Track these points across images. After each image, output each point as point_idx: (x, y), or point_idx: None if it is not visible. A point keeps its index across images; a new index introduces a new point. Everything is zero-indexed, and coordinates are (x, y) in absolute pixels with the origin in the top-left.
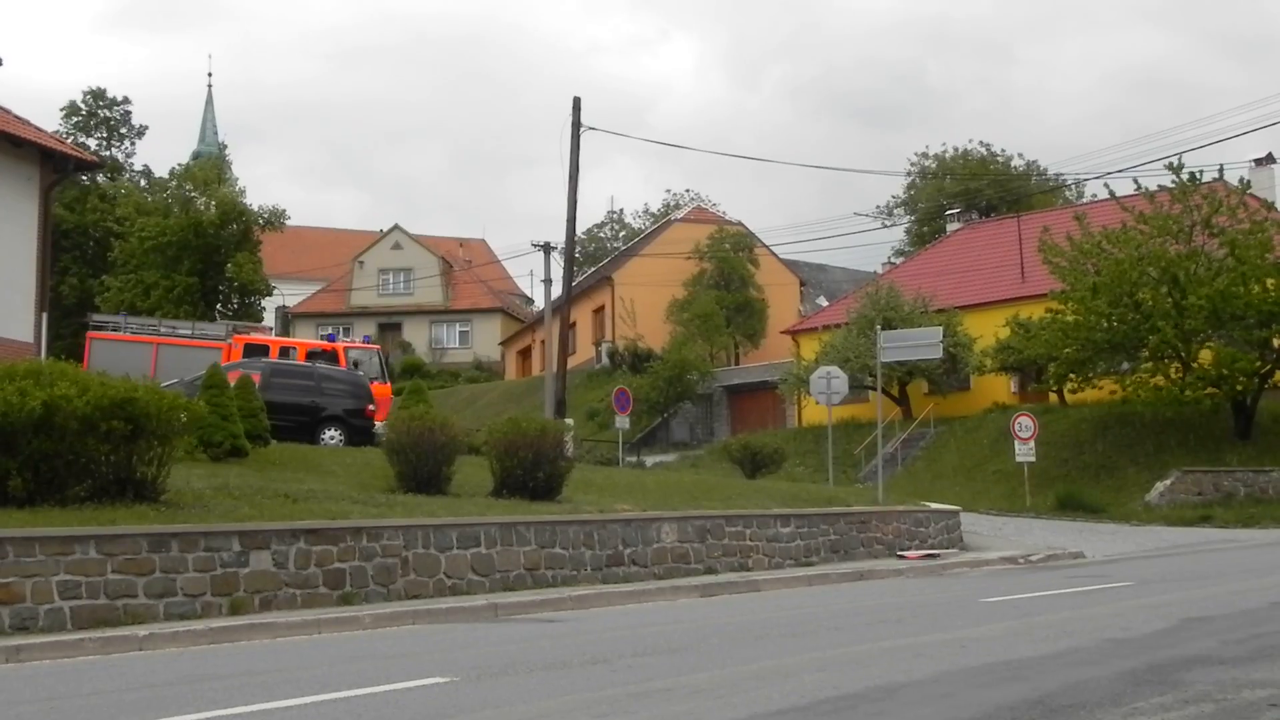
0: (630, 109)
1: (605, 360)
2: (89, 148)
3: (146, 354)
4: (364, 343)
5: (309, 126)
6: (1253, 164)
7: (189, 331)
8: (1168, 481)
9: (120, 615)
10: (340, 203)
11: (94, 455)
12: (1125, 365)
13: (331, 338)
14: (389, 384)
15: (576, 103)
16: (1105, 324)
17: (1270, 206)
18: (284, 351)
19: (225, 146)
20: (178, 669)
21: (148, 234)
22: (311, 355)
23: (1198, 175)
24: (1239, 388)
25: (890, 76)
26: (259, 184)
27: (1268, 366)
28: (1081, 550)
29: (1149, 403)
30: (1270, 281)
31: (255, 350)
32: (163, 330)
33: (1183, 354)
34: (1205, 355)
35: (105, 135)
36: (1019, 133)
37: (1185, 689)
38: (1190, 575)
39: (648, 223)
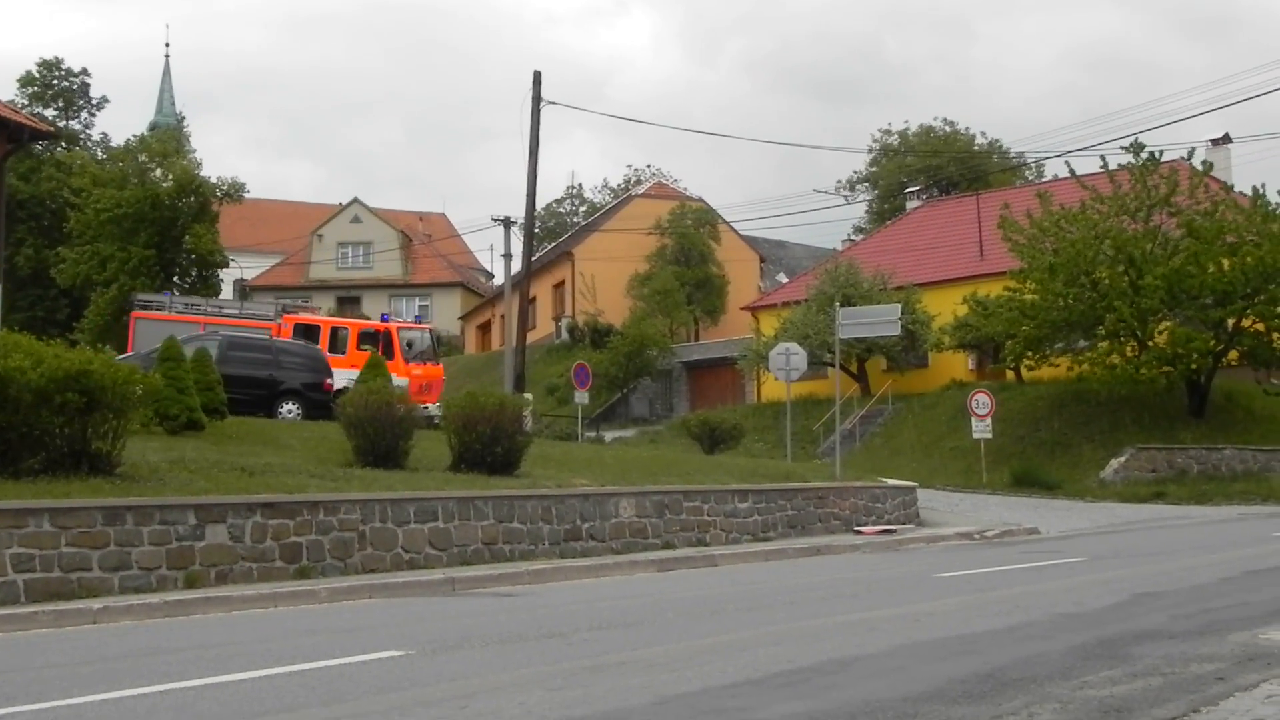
0: (588, 81)
1: (565, 335)
2: (45, 118)
3: (192, 333)
4: (416, 322)
5: (263, 96)
6: (1209, 144)
7: (236, 311)
8: (1122, 459)
9: (74, 588)
10: (296, 174)
11: (48, 428)
12: (1082, 343)
13: (386, 318)
14: (440, 365)
15: (537, 77)
16: (1062, 302)
17: (1228, 188)
18: (335, 331)
19: (183, 118)
20: (132, 642)
21: (104, 205)
22: (364, 335)
23: (1157, 156)
24: (1193, 366)
25: (848, 51)
26: (213, 154)
27: (1221, 346)
28: (1036, 526)
29: (1104, 381)
30: (1226, 262)
31: (306, 330)
32: (209, 309)
33: (1138, 333)
34: (1161, 335)
35: (62, 106)
36: (977, 109)
37: (1135, 663)
38: (1142, 551)
39: (608, 198)
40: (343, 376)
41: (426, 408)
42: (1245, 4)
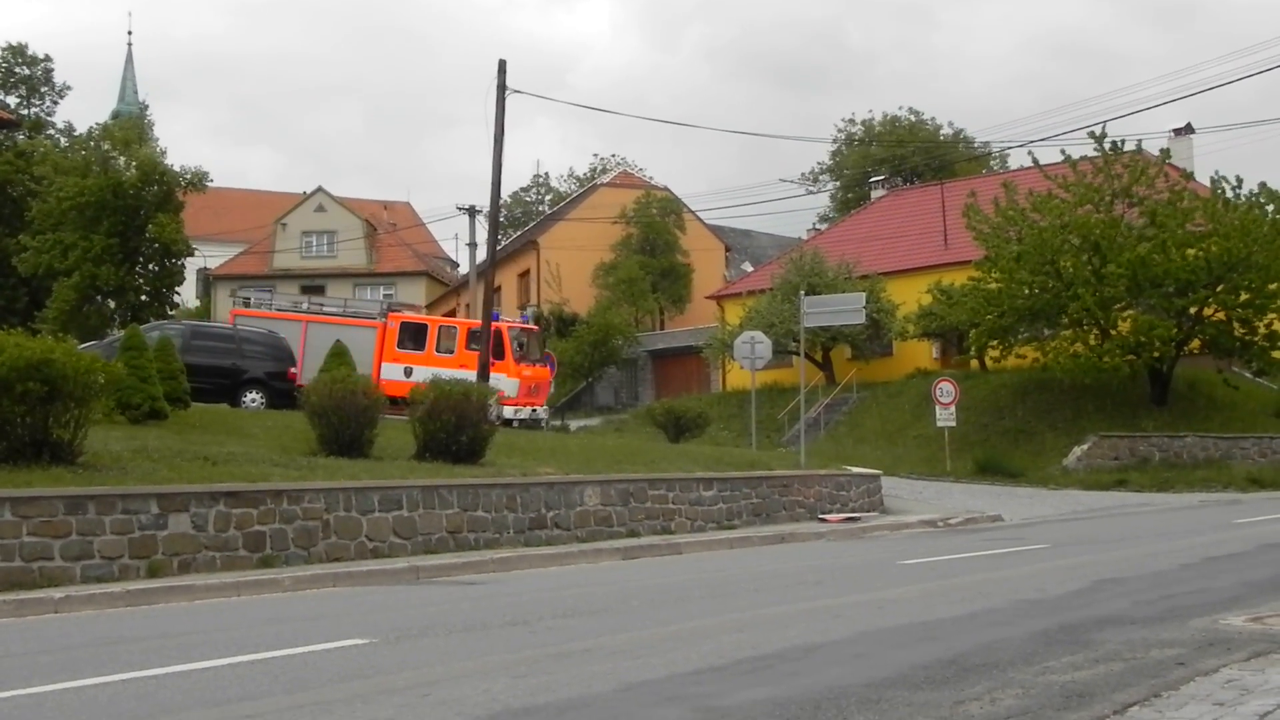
0: (548, 68)
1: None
2: (8, 106)
3: (294, 331)
4: (523, 323)
5: (221, 82)
6: (1172, 134)
7: (339, 309)
8: (1085, 446)
9: (36, 578)
10: (255, 161)
11: (9, 417)
12: (1046, 332)
13: (496, 316)
14: (548, 367)
15: (502, 66)
16: (1026, 291)
17: (1189, 176)
18: (444, 330)
19: (146, 106)
20: (93, 631)
21: (66, 194)
22: (473, 335)
23: (1119, 144)
24: (1156, 355)
25: (809, 37)
26: (173, 141)
27: (1184, 334)
28: (999, 513)
29: (1068, 369)
30: (1189, 251)
31: (413, 328)
32: (310, 308)
33: (1102, 321)
34: (1124, 323)
35: (25, 93)
36: (940, 96)
37: (1096, 648)
38: (1104, 538)
39: (573, 186)
40: (451, 377)
41: (535, 410)
42: None
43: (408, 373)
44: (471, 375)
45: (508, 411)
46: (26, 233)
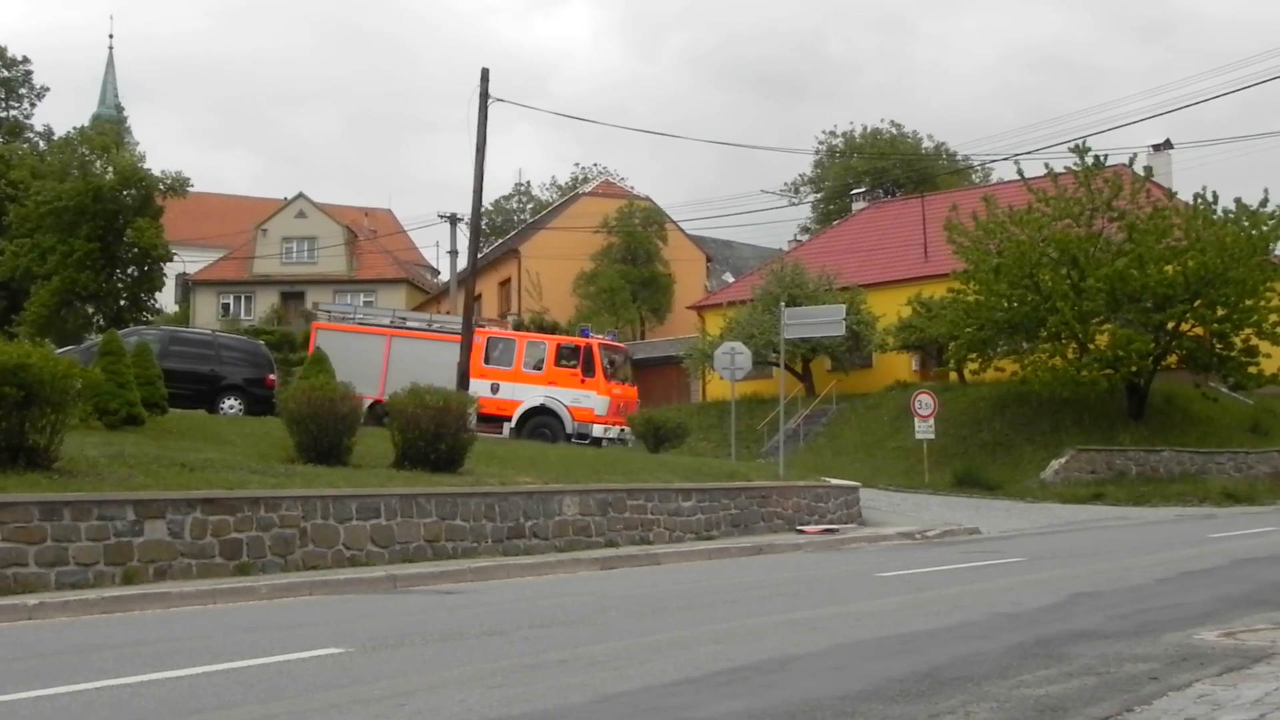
0: (527, 75)
1: None
2: None
3: (378, 346)
4: (612, 340)
5: (199, 85)
6: (1151, 149)
7: (424, 324)
8: (1062, 460)
9: (10, 584)
10: (232, 165)
11: None
12: (1025, 346)
13: (585, 332)
14: (635, 386)
15: (485, 74)
16: (1005, 304)
17: (1171, 194)
18: (532, 346)
19: (123, 110)
20: (68, 638)
21: (44, 198)
22: (563, 351)
23: (1101, 159)
24: (1133, 369)
25: (790, 47)
26: (150, 145)
27: (1161, 349)
28: (977, 526)
29: (1046, 383)
30: (1167, 267)
31: (500, 344)
32: (394, 321)
33: (1080, 335)
34: (1102, 337)
35: (3, 95)
36: (920, 108)
37: (1070, 662)
38: (1081, 552)
39: (555, 195)
40: (539, 394)
41: (622, 430)
42: (1186, 7)
43: (494, 389)
44: (561, 392)
45: (596, 430)
46: (4, 237)
